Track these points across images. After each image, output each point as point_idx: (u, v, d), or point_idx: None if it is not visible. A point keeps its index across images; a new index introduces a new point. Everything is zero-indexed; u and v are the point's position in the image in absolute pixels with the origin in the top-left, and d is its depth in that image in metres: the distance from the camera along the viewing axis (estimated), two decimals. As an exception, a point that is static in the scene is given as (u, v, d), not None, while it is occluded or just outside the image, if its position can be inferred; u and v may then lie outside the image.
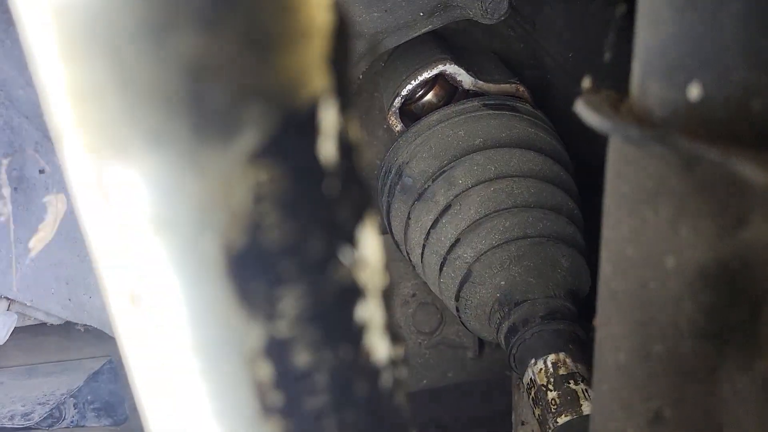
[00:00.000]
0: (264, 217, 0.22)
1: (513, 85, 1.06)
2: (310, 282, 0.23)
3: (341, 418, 0.25)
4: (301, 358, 0.24)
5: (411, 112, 1.12)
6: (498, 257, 0.88)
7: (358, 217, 0.25)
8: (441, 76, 1.05)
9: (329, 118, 0.23)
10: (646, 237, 0.38)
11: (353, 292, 0.25)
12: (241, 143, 0.21)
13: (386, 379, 0.26)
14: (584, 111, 0.39)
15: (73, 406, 1.04)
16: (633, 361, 0.40)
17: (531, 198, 0.91)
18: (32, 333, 0.98)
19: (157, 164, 0.22)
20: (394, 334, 0.27)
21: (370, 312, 0.25)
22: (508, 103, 1.02)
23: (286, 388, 0.24)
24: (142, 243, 0.23)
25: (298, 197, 0.23)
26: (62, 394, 0.95)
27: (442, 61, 1.04)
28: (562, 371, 0.79)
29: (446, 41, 1.11)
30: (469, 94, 1.07)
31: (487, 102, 1.01)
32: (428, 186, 0.96)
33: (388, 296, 0.26)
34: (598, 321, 0.44)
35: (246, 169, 0.22)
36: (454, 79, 1.06)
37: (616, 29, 0.45)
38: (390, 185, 1.02)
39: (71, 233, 0.79)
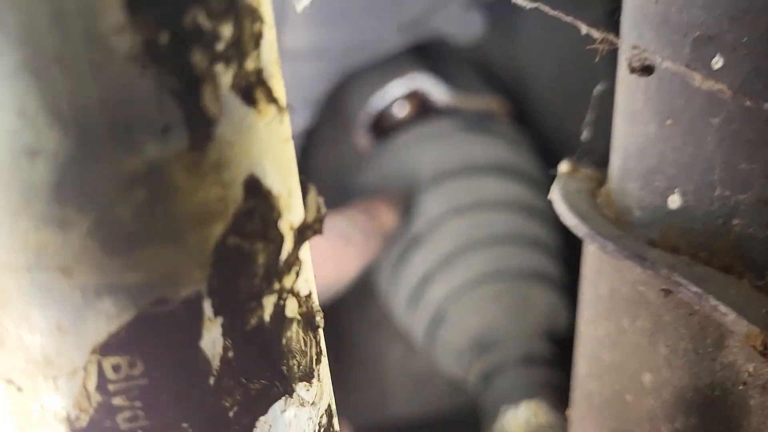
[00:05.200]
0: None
1: (490, 102, 1.07)
2: None
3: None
4: None
5: (380, 128, 1.12)
6: (471, 297, 0.88)
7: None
8: (413, 89, 1.05)
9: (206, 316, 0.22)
10: (623, 346, 0.39)
11: None
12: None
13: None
14: (560, 207, 0.39)
15: None
16: (607, 468, 0.41)
17: (506, 231, 0.91)
18: None
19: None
20: None
21: None
22: (485, 122, 1.03)
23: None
24: None
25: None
26: None
27: (415, 74, 1.04)
28: (535, 420, 0.80)
29: (419, 50, 1.11)
30: (442, 110, 1.07)
31: (461, 122, 1.01)
32: (397, 214, 0.96)
33: None
34: (573, 416, 0.45)
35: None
36: (426, 93, 1.06)
37: (595, 107, 0.45)
38: None
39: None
